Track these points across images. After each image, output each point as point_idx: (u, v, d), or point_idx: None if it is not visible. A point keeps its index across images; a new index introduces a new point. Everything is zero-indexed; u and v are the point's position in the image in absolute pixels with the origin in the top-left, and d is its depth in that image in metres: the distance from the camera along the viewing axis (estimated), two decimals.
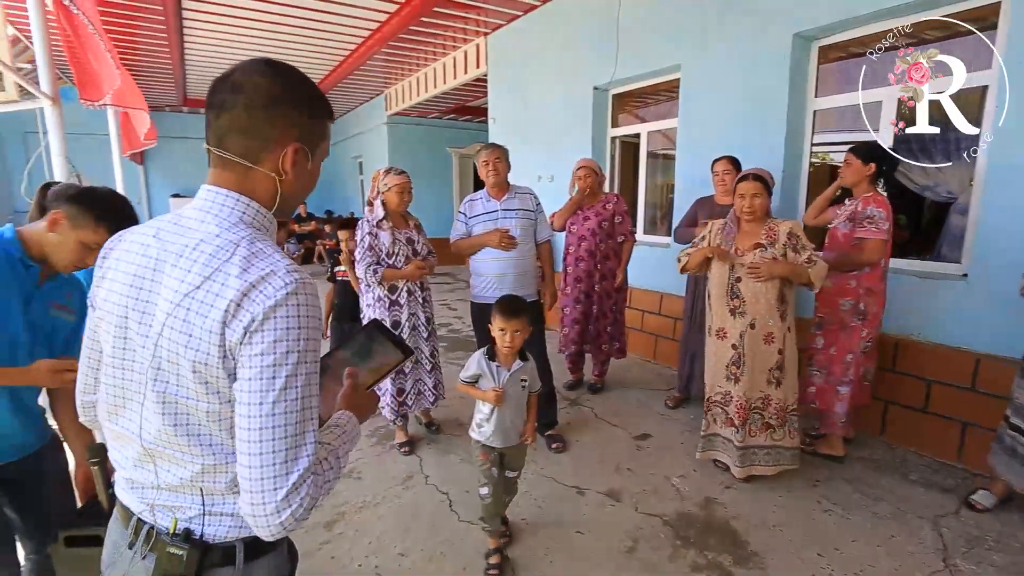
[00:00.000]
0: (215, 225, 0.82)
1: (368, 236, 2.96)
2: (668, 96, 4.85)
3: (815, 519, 2.45)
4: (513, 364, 2.11)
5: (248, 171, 0.85)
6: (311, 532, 2.39)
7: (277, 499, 0.75)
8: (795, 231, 2.57)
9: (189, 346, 0.77)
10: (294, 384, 0.77)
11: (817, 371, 2.93)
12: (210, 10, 5.72)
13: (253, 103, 0.83)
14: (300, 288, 0.78)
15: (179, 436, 0.81)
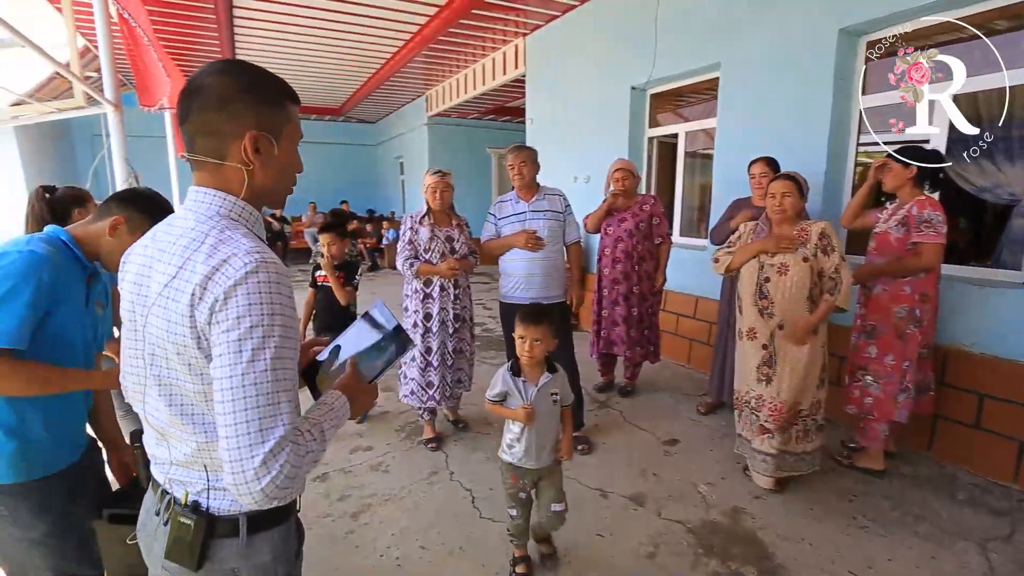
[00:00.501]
0: (193, 220, 0.89)
1: (409, 231, 3.10)
2: (707, 95, 4.75)
3: (849, 535, 2.35)
4: (541, 378, 1.97)
5: (218, 167, 0.90)
6: (338, 521, 2.47)
7: (255, 466, 0.78)
8: (827, 232, 2.50)
9: (169, 331, 0.84)
10: (261, 356, 0.80)
11: (873, 382, 2.76)
12: (260, 17, 5.98)
13: (207, 104, 0.88)
14: (260, 267, 0.82)
15: (176, 416, 0.88)
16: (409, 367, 3.19)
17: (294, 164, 0.98)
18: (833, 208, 3.60)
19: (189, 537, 0.89)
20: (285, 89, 0.94)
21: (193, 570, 0.90)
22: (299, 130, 0.98)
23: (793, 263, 2.48)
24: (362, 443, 3.27)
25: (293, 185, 1.01)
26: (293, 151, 0.97)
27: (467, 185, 10.25)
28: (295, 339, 0.87)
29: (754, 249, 2.59)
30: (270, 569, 0.95)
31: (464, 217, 3.30)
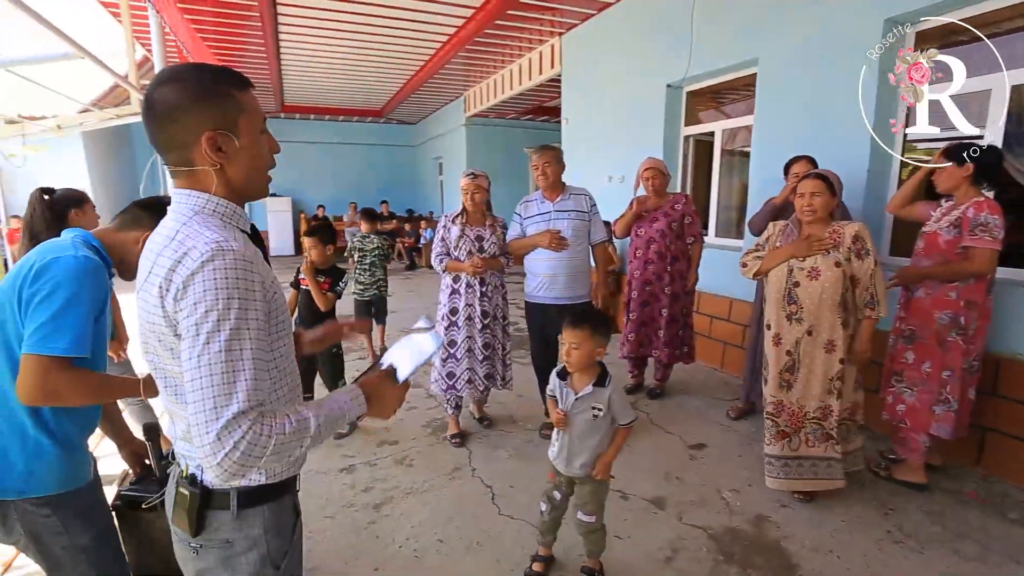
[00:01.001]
0: (172, 220, 0.95)
1: (442, 229, 3.21)
2: (745, 92, 4.61)
3: (882, 550, 2.24)
4: (583, 388, 1.88)
5: (190, 174, 0.95)
6: (361, 511, 2.54)
7: (210, 441, 0.81)
8: (861, 235, 2.38)
9: (150, 321, 0.92)
10: (216, 339, 0.84)
11: (907, 388, 2.64)
12: (303, 24, 6.19)
13: (157, 120, 0.92)
14: (216, 255, 0.85)
15: (170, 396, 0.98)
16: (435, 358, 3.26)
17: (263, 150, 1.00)
18: (877, 209, 3.44)
19: (187, 506, 0.98)
20: (230, 79, 0.95)
21: (191, 535, 0.99)
22: (257, 114, 0.98)
23: (825, 267, 2.37)
24: (388, 437, 3.34)
25: (269, 169, 1.03)
26: (255, 138, 0.98)
27: (505, 185, 10.29)
28: (260, 320, 0.89)
29: (785, 254, 2.49)
30: (261, 541, 1.01)
31: (501, 218, 3.33)
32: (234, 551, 1.00)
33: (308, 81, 9.20)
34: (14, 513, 1.30)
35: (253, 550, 1.01)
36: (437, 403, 3.77)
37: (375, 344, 5.13)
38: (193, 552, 1.01)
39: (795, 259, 2.45)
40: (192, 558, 1.02)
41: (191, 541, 1.00)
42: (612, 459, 1.93)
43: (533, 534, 2.34)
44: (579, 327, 1.83)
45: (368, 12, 5.82)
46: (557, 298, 3.11)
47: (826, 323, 2.40)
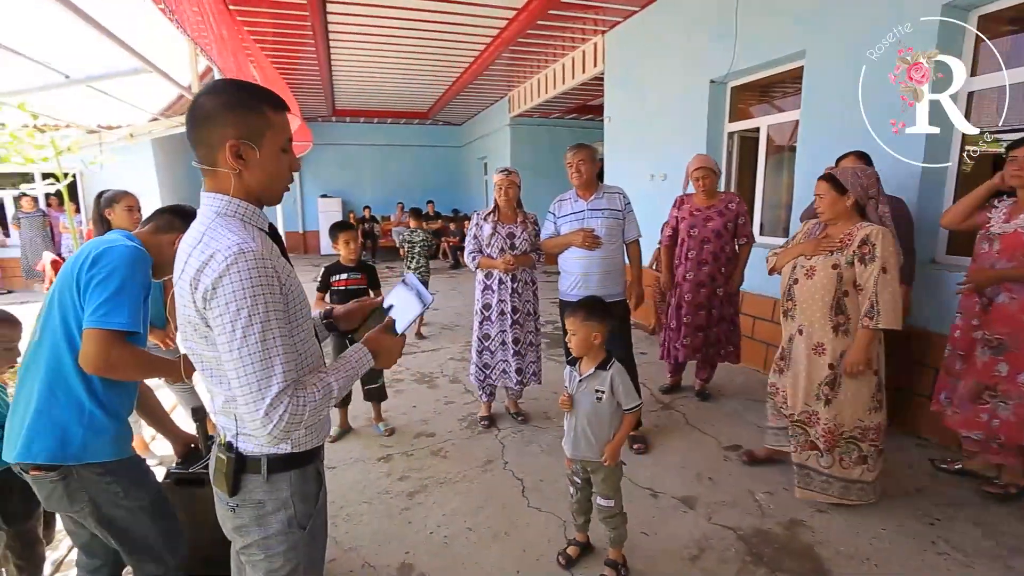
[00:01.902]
0: (199, 222, 1.07)
1: (475, 227, 3.31)
2: (791, 87, 4.46)
3: (924, 561, 2.15)
4: (587, 370, 1.99)
5: (213, 174, 1.07)
6: (396, 498, 2.65)
7: (259, 417, 0.98)
8: (872, 239, 2.25)
9: (184, 313, 1.05)
10: (252, 332, 0.98)
11: (1003, 402, 2.45)
12: (352, 31, 6.43)
13: (196, 121, 1.06)
14: (239, 258, 0.97)
15: (207, 377, 1.10)
16: (472, 351, 3.39)
17: (282, 165, 1.11)
18: (932, 206, 3.27)
19: (224, 469, 1.11)
20: (266, 99, 1.07)
21: (229, 496, 1.13)
22: (284, 134, 1.11)
23: (821, 268, 2.35)
24: (426, 429, 3.46)
25: (286, 183, 1.15)
26: (277, 153, 1.10)
27: (548, 184, 10.28)
28: (282, 309, 1.03)
29: (796, 251, 2.50)
30: (288, 504, 1.15)
31: (533, 214, 3.39)
32: (265, 510, 1.14)
33: (358, 85, 9.52)
34: (76, 481, 1.44)
35: (282, 510, 1.15)
36: (474, 398, 3.87)
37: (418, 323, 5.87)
38: (231, 510, 1.15)
39: (803, 257, 2.45)
40: (230, 516, 1.16)
41: (229, 501, 1.14)
42: (619, 445, 1.99)
43: (560, 526, 2.39)
44: (574, 315, 1.97)
45: (414, 17, 5.98)
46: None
47: (816, 324, 2.37)
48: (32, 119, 4.15)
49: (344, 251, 3.24)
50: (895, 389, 3.34)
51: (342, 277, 3.26)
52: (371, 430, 3.44)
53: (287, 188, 1.16)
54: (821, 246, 2.38)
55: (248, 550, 1.17)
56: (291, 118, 4.08)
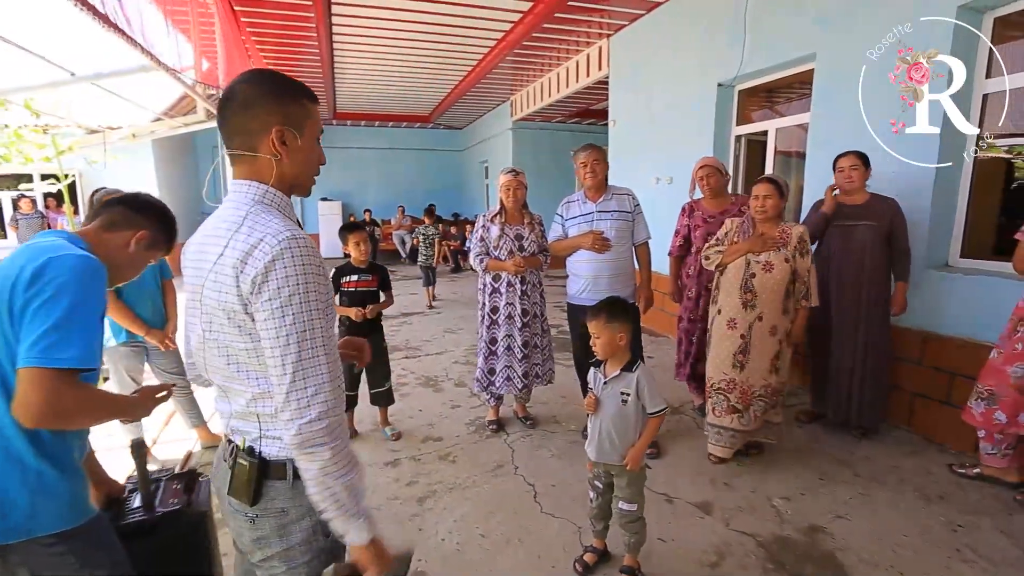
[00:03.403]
0: (233, 207, 1.03)
1: (481, 229, 3.25)
2: (801, 91, 4.44)
3: (950, 569, 2.10)
4: (612, 372, 1.96)
5: (252, 160, 1.04)
6: (405, 504, 2.59)
7: (300, 406, 0.94)
8: (804, 236, 2.75)
9: (220, 300, 0.98)
10: (301, 319, 0.95)
11: None
12: (355, 33, 6.41)
13: (237, 107, 1.03)
14: (292, 243, 0.95)
15: (233, 372, 1.03)
16: (478, 357, 3.32)
17: (316, 154, 1.12)
18: (943, 210, 3.24)
19: (246, 476, 1.04)
20: (304, 90, 1.08)
21: (249, 505, 1.05)
22: (319, 125, 1.10)
23: (777, 262, 2.71)
24: (433, 433, 3.40)
25: (316, 174, 1.14)
26: (314, 143, 1.10)
27: (550, 188, 10.27)
28: (327, 302, 1.00)
29: (744, 248, 2.77)
30: (313, 511, 1.05)
31: (539, 215, 3.35)
32: (289, 519, 1.07)
33: (360, 89, 9.50)
34: (15, 557, 1.11)
35: (306, 518, 1.07)
36: (480, 402, 3.81)
37: (429, 297, 7.73)
38: (250, 522, 1.07)
39: (751, 254, 2.75)
40: (249, 528, 1.08)
41: (248, 512, 1.06)
42: (643, 449, 1.95)
43: (575, 533, 2.33)
44: (596, 317, 1.94)
45: (418, 20, 5.96)
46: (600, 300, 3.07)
47: (774, 310, 2.74)
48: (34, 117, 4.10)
49: (355, 252, 3.18)
50: (911, 393, 3.31)
51: (353, 278, 3.19)
52: (378, 434, 3.38)
53: (314, 181, 1.15)
54: (767, 244, 2.72)
55: (268, 563, 1.10)
56: None
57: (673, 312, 3.97)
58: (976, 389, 2.63)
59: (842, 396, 3.19)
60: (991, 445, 2.64)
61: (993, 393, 2.55)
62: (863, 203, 3.11)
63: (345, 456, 0.98)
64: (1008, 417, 2.52)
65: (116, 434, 2.73)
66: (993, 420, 2.56)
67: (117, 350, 2.81)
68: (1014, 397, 2.50)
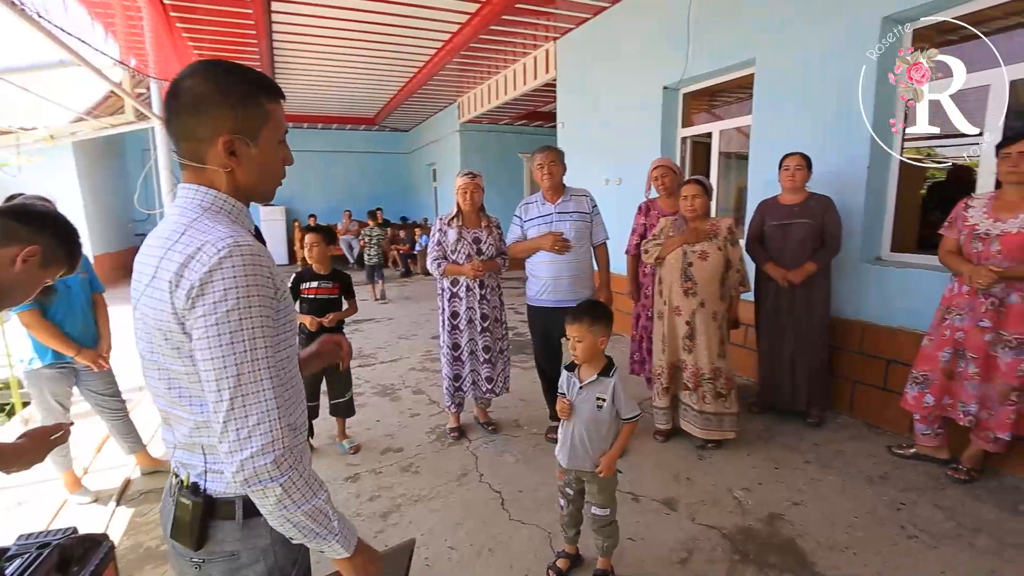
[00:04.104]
0: (178, 215, 0.92)
1: (438, 233, 3.17)
2: (742, 94, 4.63)
3: (897, 545, 2.23)
4: (588, 377, 1.93)
5: (200, 169, 0.93)
6: (368, 521, 2.49)
7: (240, 437, 0.83)
8: (732, 227, 2.99)
9: (156, 318, 0.87)
10: (241, 338, 0.83)
11: (1017, 397, 2.50)
12: (297, 33, 6.18)
13: (182, 108, 0.90)
14: (234, 251, 0.84)
15: (174, 397, 0.92)
16: (441, 365, 3.25)
17: (279, 158, 0.99)
18: (875, 207, 3.44)
19: (188, 517, 0.93)
20: (262, 86, 0.94)
21: (193, 549, 0.93)
22: (281, 125, 0.98)
23: (711, 251, 2.92)
24: (393, 444, 3.30)
25: (279, 179, 1.02)
26: (273, 147, 0.97)
27: (499, 191, 10.28)
28: (278, 319, 0.91)
29: (679, 241, 2.98)
30: (268, 552, 0.96)
31: (496, 218, 3.32)
32: (240, 563, 0.96)
33: (302, 89, 9.18)
34: None
35: (260, 562, 0.96)
36: (439, 410, 3.74)
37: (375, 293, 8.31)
38: (195, 568, 0.96)
39: (687, 245, 2.95)
40: (194, 574, 0.96)
41: (193, 556, 0.95)
42: (616, 456, 1.94)
43: (545, 539, 2.32)
44: (579, 321, 1.89)
45: (363, 19, 5.81)
46: (560, 301, 3.08)
47: (713, 297, 2.95)
48: None
49: (308, 256, 3.08)
50: (852, 381, 3.50)
51: (312, 285, 3.07)
52: (336, 448, 3.25)
53: (280, 184, 1.03)
54: (700, 235, 2.93)
55: None
56: None
57: (627, 310, 4.04)
58: (912, 375, 2.80)
59: (786, 386, 3.37)
60: (925, 426, 2.82)
61: (927, 377, 2.73)
62: (801, 202, 3.27)
63: (303, 485, 0.87)
64: (936, 399, 2.71)
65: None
66: (923, 403, 2.75)
67: (41, 373, 2.56)
68: (942, 381, 2.69)
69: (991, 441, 2.61)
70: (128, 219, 10.82)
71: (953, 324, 2.65)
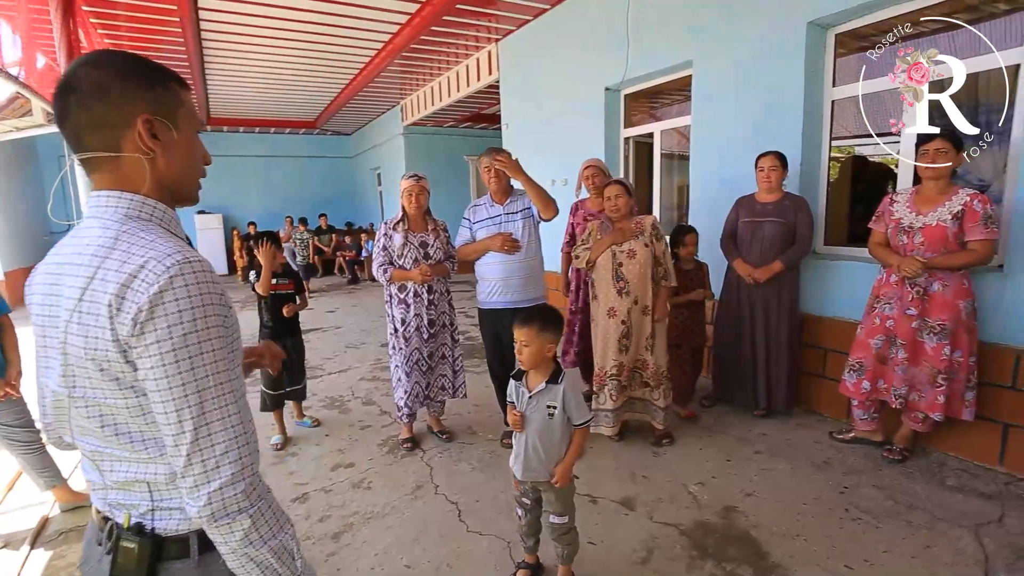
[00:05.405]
0: (99, 228, 0.81)
1: (383, 237, 3.08)
2: (682, 95, 4.75)
3: (844, 528, 2.31)
4: (537, 386, 1.86)
5: (115, 162, 0.83)
6: (318, 543, 2.36)
7: (205, 469, 0.77)
8: (656, 224, 3.03)
9: (88, 347, 0.77)
10: (201, 362, 0.77)
11: (943, 380, 2.61)
12: (227, 32, 5.87)
13: (86, 97, 0.80)
14: (184, 268, 0.76)
15: (111, 436, 0.82)
16: (397, 371, 3.14)
17: (197, 153, 0.92)
18: (809, 195, 3.57)
19: (135, 561, 0.83)
20: (169, 72, 0.87)
21: None
22: (195, 115, 0.91)
23: (639, 248, 2.95)
24: (344, 459, 3.16)
25: (201, 176, 0.94)
26: (193, 136, 0.90)
27: (446, 194, 10.17)
28: (234, 338, 0.84)
29: (607, 242, 2.99)
30: None
31: (443, 221, 3.25)
32: None
33: (235, 92, 8.76)
34: None
35: None
36: (392, 420, 3.62)
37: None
38: None
39: (615, 246, 2.97)
40: None
41: None
42: (571, 464, 1.90)
43: (505, 549, 2.26)
44: (527, 324, 1.82)
45: (298, 18, 5.59)
46: (511, 302, 3.04)
47: (644, 293, 2.98)
48: None
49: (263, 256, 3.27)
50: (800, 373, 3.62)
51: (272, 282, 3.30)
52: (279, 468, 3.08)
53: (200, 186, 0.94)
54: (626, 234, 2.97)
55: None
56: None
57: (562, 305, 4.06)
58: (848, 363, 2.94)
59: (750, 382, 3.42)
60: (862, 411, 2.96)
61: (862, 364, 2.86)
62: (775, 201, 3.29)
63: (271, 517, 0.82)
64: (871, 385, 2.85)
65: None
66: (861, 389, 2.88)
67: None
68: (876, 366, 2.83)
69: (920, 421, 2.77)
70: (44, 231, 9.98)
71: (883, 313, 2.79)
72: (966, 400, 2.64)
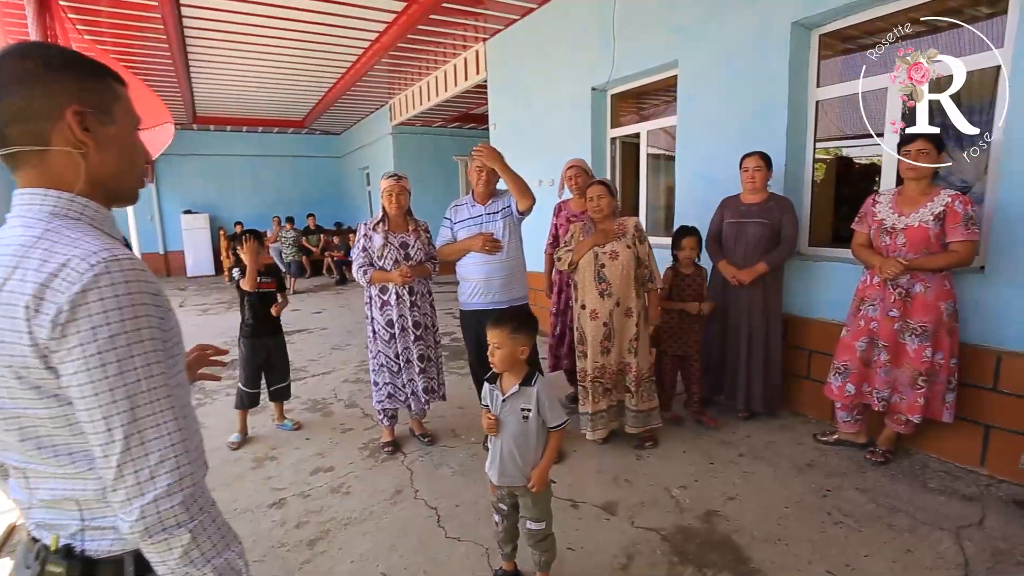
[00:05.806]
0: (21, 227, 0.75)
1: (363, 238, 3.03)
2: (668, 94, 4.74)
3: (825, 532, 2.29)
4: (510, 388, 1.84)
5: (43, 157, 0.77)
6: (293, 551, 2.31)
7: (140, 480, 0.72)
8: (639, 226, 3.01)
9: (4, 354, 0.71)
10: (131, 365, 0.72)
11: (924, 382, 2.61)
12: (211, 30, 5.79)
13: (10, 87, 0.75)
14: (111, 265, 0.71)
15: (32, 450, 0.76)
16: (379, 374, 3.09)
17: (139, 148, 0.87)
18: (794, 195, 3.57)
19: None
20: (106, 67, 0.83)
21: None
22: (132, 111, 0.86)
23: (621, 250, 2.92)
24: (323, 463, 3.10)
25: (144, 175, 0.89)
26: (131, 131, 0.86)
27: (434, 194, 10.13)
28: (170, 338, 0.79)
29: (589, 243, 2.96)
30: None
31: (425, 222, 3.21)
32: None
33: (221, 91, 8.64)
34: None
35: None
36: (373, 423, 3.57)
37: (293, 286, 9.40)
38: None
39: (598, 247, 2.94)
40: None
41: None
42: (547, 469, 1.87)
43: (483, 555, 2.22)
44: (500, 326, 1.80)
45: (283, 16, 5.51)
46: (493, 303, 3.00)
47: (627, 294, 2.94)
48: None
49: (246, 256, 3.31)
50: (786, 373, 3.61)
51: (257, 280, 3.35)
52: (256, 474, 3.01)
53: (143, 184, 0.89)
54: (609, 236, 2.93)
55: None
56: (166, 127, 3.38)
57: (545, 306, 4.03)
58: (834, 365, 2.92)
59: (738, 383, 3.38)
60: (845, 413, 2.95)
61: (847, 367, 2.85)
62: (760, 202, 3.26)
63: (214, 533, 0.77)
64: (856, 388, 2.84)
65: None
66: (845, 392, 2.87)
67: None
68: (860, 369, 2.82)
69: (903, 424, 2.76)
70: None
71: (867, 314, 2.78)
72: (947, 402, 2.64)
